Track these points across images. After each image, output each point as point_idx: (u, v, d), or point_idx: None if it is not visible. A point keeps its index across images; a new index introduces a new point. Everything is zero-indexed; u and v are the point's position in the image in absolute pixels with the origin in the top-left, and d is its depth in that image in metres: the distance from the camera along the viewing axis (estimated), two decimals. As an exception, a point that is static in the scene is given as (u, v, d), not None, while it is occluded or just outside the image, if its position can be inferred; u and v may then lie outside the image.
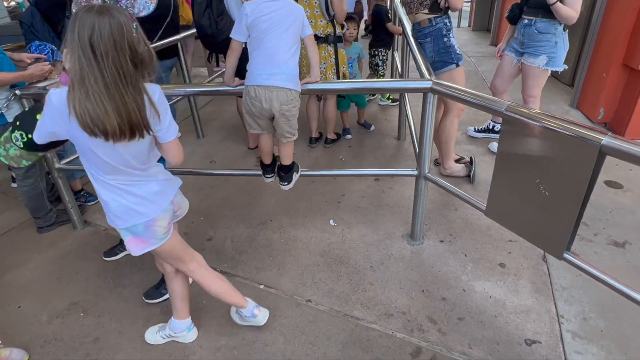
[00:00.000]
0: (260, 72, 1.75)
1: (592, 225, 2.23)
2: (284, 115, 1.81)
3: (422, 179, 2.04)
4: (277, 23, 1.73)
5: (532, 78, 2.73)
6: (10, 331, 1.81)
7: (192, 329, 1.73)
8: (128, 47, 1.10)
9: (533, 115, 1.41)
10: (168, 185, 1.43)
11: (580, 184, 1.28)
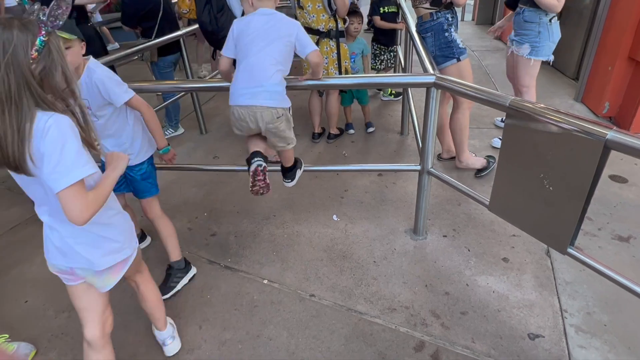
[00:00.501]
0: (242, 91, 1.66)
1: (597, 220, 2.22)
2: (273, 133, 1.74)
3: (425, 174, 2.04)
4: (261, 36, 1.65)
5: (521, 67, 2.76)
6: (17, 325, 1.83)
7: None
8: (15, 65, 0.94)
9: (537, 109, 1.41)
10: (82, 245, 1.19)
11: (585, 178, 1.28)
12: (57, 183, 0.99)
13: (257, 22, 1.68)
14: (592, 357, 1.54)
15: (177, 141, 3.58)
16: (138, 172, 1.86)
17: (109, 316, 1.40)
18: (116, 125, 1.76)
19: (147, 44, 2.97)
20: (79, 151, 1.02)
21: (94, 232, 1.19)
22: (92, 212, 1.05)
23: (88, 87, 1.64)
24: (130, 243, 1.32)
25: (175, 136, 3.68)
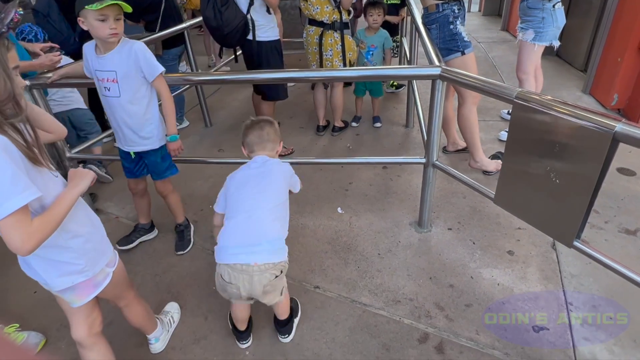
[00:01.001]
0: (235, 250, 1.36)
1: (603, 213, 2.20)
2: (269, 293, 1.42)
3: (430, 166, 2.03)
4: (253, 182, 1.47)
5: (523, 53, 2.78)
6: (27, 315, 1.87)
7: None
8: None
9: (544, 101, 1.39)
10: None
11: (593, 171, 1.26)
12: None
13: (246, 169, 1.53)
14: (597, 350, 1.54)
15: (182, 134, 3.58)
16: (159, 154, 1.97)
17: (96, 317, 1.35)
18: (150, 107, 1.88)
19: (151, 37, 2.97)
20: (15, 176, 0.90)
21: (47, 257, 1.10)
22: (36, 241, 0.94)
23: (123, 60, 1.73)
24: (94, 266, 1.19)
25: (180, 129, 3.69)
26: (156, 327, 1.63)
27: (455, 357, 1.55)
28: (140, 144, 1.92)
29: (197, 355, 1.64)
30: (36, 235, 0.94)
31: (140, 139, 1.91)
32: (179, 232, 2.23)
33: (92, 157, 2.80)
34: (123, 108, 1.82)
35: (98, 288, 1.25)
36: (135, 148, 1.94)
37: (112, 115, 1.88)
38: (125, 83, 1.77)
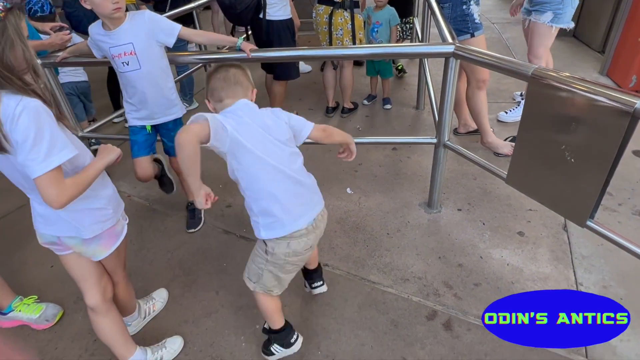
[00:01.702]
0: (298, 214, 1.26)
1: (617, 195, 2.17)
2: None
3: (441, 147, 2.01)
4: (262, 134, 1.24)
5: (538, 36, 2.66)
6: (44, 288, 1.92)
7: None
8: None
9: (562, 79, 1.35)
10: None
11: (609, 149, 1.24)
12: (32, 170, 0.97)
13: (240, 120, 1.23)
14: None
15: (192, 114, 3.59)
16: (177, 128, 1.97)
17: (107, 284, 1.39)
18: (169, 74, 1.88)
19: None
20: (54, 135, 0.98)
21: (83, 207, 1.16)
22: (68, 198, 1.03)
23: (138, 30, 1.72)
24: (117, 212, 1.28)
25: (190, 110, 3.69)
26: (133, 310, 1.65)
27: (463, 334, 1.57)
28: (165, 113, 1.92)
29: (209, 328, 1.68)
30: (68, 193, 1.03)
31: (165, 109, 1.91)
32: (190, 211, 2.26)
33: (104, 137, 2.82)
34: (146, 79, 1.80)
35: (118, 239, 1.31)
36: (159, 120, 1.93)
37: (134, 90, 1.84)
38: (144, 53, 1.75)
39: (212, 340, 1.63)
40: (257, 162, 1.21)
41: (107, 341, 1.42)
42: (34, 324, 1.73)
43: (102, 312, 1.37)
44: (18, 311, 1.73)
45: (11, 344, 0.41)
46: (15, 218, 2.45)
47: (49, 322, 1.74)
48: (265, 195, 1.23)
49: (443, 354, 1.50)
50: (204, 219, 2.29)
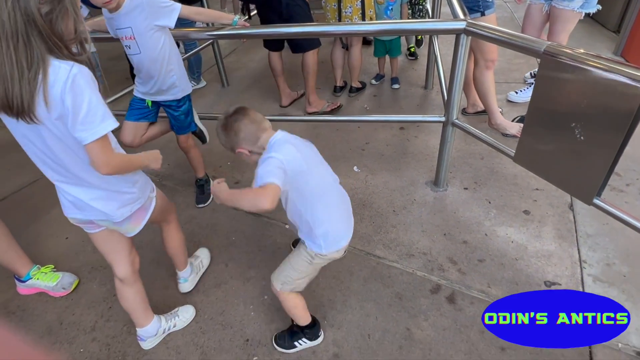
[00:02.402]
0: (347, 231, 1.34)
1: (625, 176, 2.16)
2: None
3: (449, 125, 2.01)
4: (310, 151, 1.32)
5: (563, 22, 2.54)
6: (60, 258, 1.99)
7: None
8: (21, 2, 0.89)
9: (576, 55, 1.34)
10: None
11: (621, 127, 1.24)
12: (86, 135, 0.99)
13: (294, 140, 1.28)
14: (607, 305, 1.56)
15: (200, 94, 3.60)
16: (182, 108, 2.00)
17: (135, 256, 1.45)
18: (172, 58, 1.87)
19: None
20: (103, 104, 1.01)
21: (106, 187, 1.18)
22: (115, 168, 1.09)
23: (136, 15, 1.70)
24: (144, 192, 1.31)
25: (197, 89, 3.70)
26: (186, 265, 1.73)
27: (466, 307, 1.60)
28: (165, 94, 1.94)
29: (218, 297, 1.73)
30: (116, 162, 1.09)
31: (166, 90, 1.93)
32: (199, 186, 2.29)
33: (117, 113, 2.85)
34: (146, 63, 1.82)
35: (148, 213, 1.35)
36: (159, 98, 1.96)
37: (138, 71, 1.89)
38: (143, 38, 1.75)
39: (222, 309, 1.68)
40: (318, 186, 1.25)
41: (129, 309, 1.49)
42: (52, 291, 1.80)
43: (129, 282, 1.43)
44: (36, 279, 1.79)
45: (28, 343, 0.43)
46: (29, 192, 2.51)
47: (66, 290, 1.81)
48: (328, 218, 1.26)
49: (446, 326, 1.54)
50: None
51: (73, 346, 1.59)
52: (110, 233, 1.32)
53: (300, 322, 1.47)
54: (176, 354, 1.53)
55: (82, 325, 1.67)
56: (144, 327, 1.52)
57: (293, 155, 1.18)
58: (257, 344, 1.54)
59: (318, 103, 3.07)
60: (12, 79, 0.91)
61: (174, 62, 1.88)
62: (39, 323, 1.70)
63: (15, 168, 2.77)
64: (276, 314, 1.64)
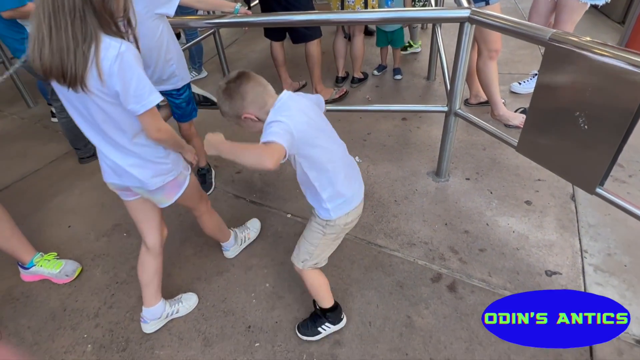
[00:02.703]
0: (357, 192, 1.33)
1: (628, 167, 2.16)
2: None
3: (452, 115, 2.00)
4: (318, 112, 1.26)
5: (569, 12, 2.50)
6: (63, 246, 2.00)
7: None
8: None
9: (582, 43, 1.32)
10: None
11: (625, 116, 1.23)
12: (137, 107, 1.10)
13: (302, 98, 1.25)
14: (608, 294, 1.57)
15: (201, 84, 3.59)
16: (182, 96, 2.00)
17: (164, 226, 1.56)
18: (170, 46, 1.84)
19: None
20: (147, 78, 1.11)
21: (142, 156, 1.25)
22: (162, 136, 1.21)
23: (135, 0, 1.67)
24: (177, 166, 1.38)
25: (199, 79, 3.69)
26: (228, 238, 1.83)
27: (467, 295, 1.61)
28: (163, 84, 1.93)
29: (220, 285, 1.74)
30: (164, 130, 1.21)
31: (164, 79, 1.92)
32: (201, 175, 2.30)
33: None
34: (143, 52, 1.79)
35: (181, 189, 1.41)
36: (158, 88, 1.94)
37: None
38: (140, 27, 1.65)
39: (224, 296, 1.70)
40: (325, 149, 1.21)
41: (145, 281, 1.54)
42: (55, 278, 1.81)
43: (155, 254, 1.52)
44: (39, 266, 1.81)
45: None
46: (31, 181, 2.52)
47: (69, 277, 1.82)
48: (335, 180, 1.23)
49: (446, 313, 1.55)
50: (215, 184, 2.33)
51: (77, 332, 1.61)
52: (143, 202, 1.41)
53: (324, 304, 1.47)
54: (178, 340, 1.55)
55: (85, 312, 1.69)
56: (151, 307, 1.55)
57: (300, 119, 1.13)
58: (258, 331, 1.55)
59: (325, 92, 3.06)
60: (67, 50, 0.99)
61: (173, 51, 1.87)
62: (42, 309, 1.71)
63: (17, 157, 2.78)
64: (278, 302, 1.65)
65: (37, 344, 1.58)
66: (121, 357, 1.51)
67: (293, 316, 1.59)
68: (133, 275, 1.82)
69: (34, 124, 3.20)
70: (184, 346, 1.52)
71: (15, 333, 1.62)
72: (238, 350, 1.49)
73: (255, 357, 1.47)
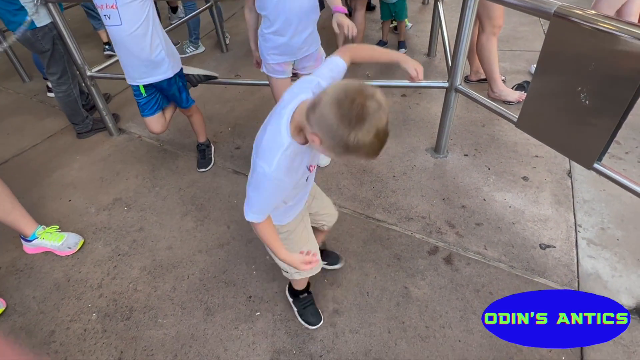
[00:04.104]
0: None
1: (625, 144, 2.17)
2: None
3: (452, 90, 1.99)
4: None
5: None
6: (64, 220, 2.02)
7: None
8: None
9: (587, 17, 1.31)
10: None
11: (627, 91, 1.23)
12: None
13: None
14: (600, 266, 1.61)
15: (198, 59, 3.54)
16: (175, 85, 1.94)
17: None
18: (155, 31, 1.76)
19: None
20: None
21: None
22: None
23: None
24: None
25: (196, 54, 3.63)
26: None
27: (462, 267, 1.65)
28: (152, 74, 1.84)
29: (221, 257, 1.78)
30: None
31: (151, 68, 1.83)
32: (200, 151, 2.30)
33: (115, 77, 2.80)
34: (127, 37, 1.70)
35: None
36: (147, 80, 1.86)
37: (117, 47, 1.77)
38: (126, 8, 1.64)
39: (225, 268, 1.73)
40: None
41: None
42: (58, 250, 1.84)
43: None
44: (42, 239, 1.83)
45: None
46: (30, 156, 2.52)
47: (71, 250, 1.84)
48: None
49: (442, 284, 1.59)
50: (214, 159, 2.33)
51: (81, 302, 1.65)
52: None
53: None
54: (181, 309, 1.59)
55: (89, 283, 1.72)
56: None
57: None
58: (259, 301, 1.59)
59: None
60: None
61: (159, 35, 1.77)
62: (46, 280, 1.75)
63: (15, 132, 2.76)
64: (278, 273, 1.68)
65: (42, 312, 1.62)
66: (125, 325, 1.55)
67: (293, 287, 1.63)
68: (135, 247, 1.85)
69: (29, 99, 3.16)
70: (187, 315, 1.57)
71: (20, 302, 1.66)
72: (239, 318, 1.54)
73: (256, 325, 1.51)
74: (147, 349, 1.47)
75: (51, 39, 2.21)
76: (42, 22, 2.15)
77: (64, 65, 2.34)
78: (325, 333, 1.47)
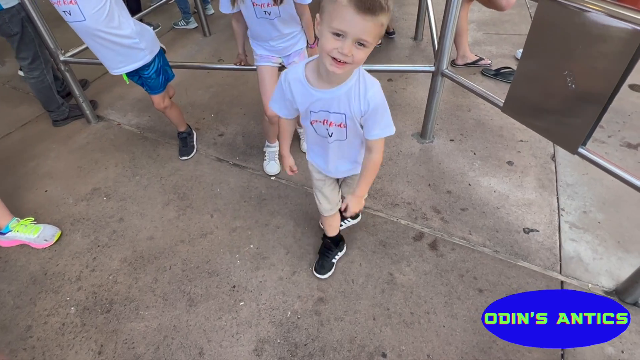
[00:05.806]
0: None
1: (608, 128, 2.18)
2: None
3: (439, 75, 1.96)
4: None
5: None
6: (41, 211, 1.95)
7: None
8: None
9: None
10: None
11: (613, 75, 1.21)
12: None
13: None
14: (581, 249, 1.63)
15: (181, 43, 3.43)
16: (153, 69, 1.86)
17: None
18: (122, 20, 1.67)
19: None
20: None
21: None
22: None
23: None
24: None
25: (178, 38, 3.51)
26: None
27: (447, 253, 1.65)
28: (126, 62, 1.77)
29: (204, 247, 1.74)
30: None
31: (125, 57, 1.75)
32: (182, 139, 2.23)
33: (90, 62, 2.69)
34: (93, 31, 1.62)
35: None
36: (127, 68, 1.79)
37: (86, 41, 1.69)
38: (86, 2, 1.55)
39: (208, 258, 1.70)
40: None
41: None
42: (33, 243, 1.78)
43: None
44: (16, 231, 1.76)
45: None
46: (3, 145, 2.42)
47: (48, 242, 1.79)
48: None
49: (427, 270, 1.59)
50: (197, 146, 2.27)
51: (59, 295, 1.60)
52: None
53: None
54: (163, 301, 1.56)
55: (67, 276, 1.67)
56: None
57: None
58: (243, 290, 1.57)
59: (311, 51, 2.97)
60: None
61: (126, 21, 1.69)
62: (22, 274, 1.69)
63: (-14, 120, 2.64)
64: (262, 262, 1.66)
65: (18, 307, 1.57)
66: (105, 318, 1.51)
67: (277, 276, 1.61)
68: (114, 238, 1.80)
69: (2, 85, 3.03)
70: (169, 306, 1.54)
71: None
72: (223, 309, 1.52)
73: (240, 315, 1.49)
74: (128, 341, 1.44)
75: (19, 22, 2.10)
76: (8, 3, 2.04)
77: (35, 49, 2.23)
78: (310, 321, 1.46)
